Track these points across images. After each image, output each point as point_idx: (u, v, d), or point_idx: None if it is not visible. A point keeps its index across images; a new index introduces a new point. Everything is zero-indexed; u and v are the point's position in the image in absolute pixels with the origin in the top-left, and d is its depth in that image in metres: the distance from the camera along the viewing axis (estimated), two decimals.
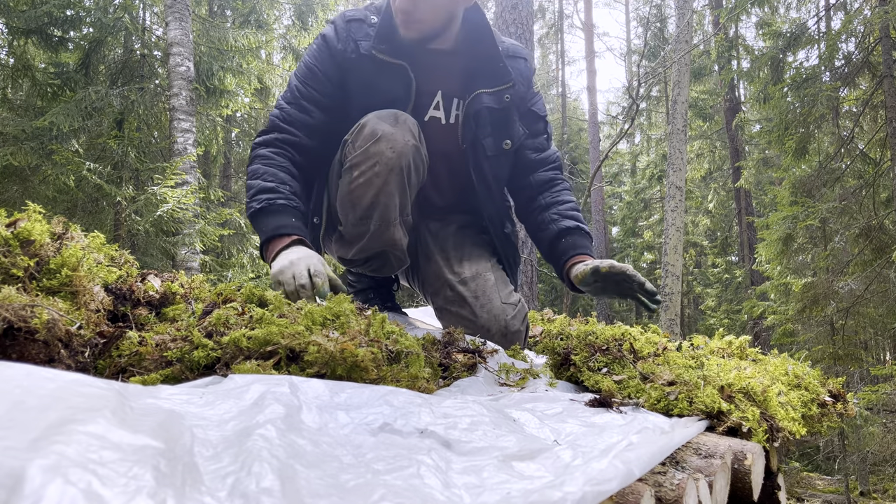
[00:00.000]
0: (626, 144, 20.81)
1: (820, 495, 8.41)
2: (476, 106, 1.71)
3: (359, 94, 1.66)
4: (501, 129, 1.76)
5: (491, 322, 1.70)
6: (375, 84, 1.65)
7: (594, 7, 20.31)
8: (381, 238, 1.62)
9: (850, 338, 7.19)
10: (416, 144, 1.57)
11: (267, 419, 0.56)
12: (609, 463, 0.63)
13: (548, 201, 1.82)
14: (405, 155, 1.54)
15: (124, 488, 0.37)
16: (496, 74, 1.72)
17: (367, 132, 1.54)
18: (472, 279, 1.75)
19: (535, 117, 1.85)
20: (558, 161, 1.90)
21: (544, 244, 1.81)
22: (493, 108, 1.73)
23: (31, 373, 0.46)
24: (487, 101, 1.71)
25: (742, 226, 12.27)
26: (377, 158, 1.53)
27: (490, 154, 1.76)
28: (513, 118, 1.78)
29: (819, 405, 1.41)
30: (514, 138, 1.79)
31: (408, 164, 1.56)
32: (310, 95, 1.67)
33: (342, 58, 1.65)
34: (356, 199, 1.58)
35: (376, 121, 1.55)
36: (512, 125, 1.78)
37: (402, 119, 1.57)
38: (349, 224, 1.64)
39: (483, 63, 1.72)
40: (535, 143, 1.85)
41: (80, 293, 0.84)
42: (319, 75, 1.67)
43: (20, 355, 0.70)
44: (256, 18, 8.36)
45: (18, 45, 6.27)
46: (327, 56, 1.66)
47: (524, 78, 1.81)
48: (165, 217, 5.29)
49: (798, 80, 7.43)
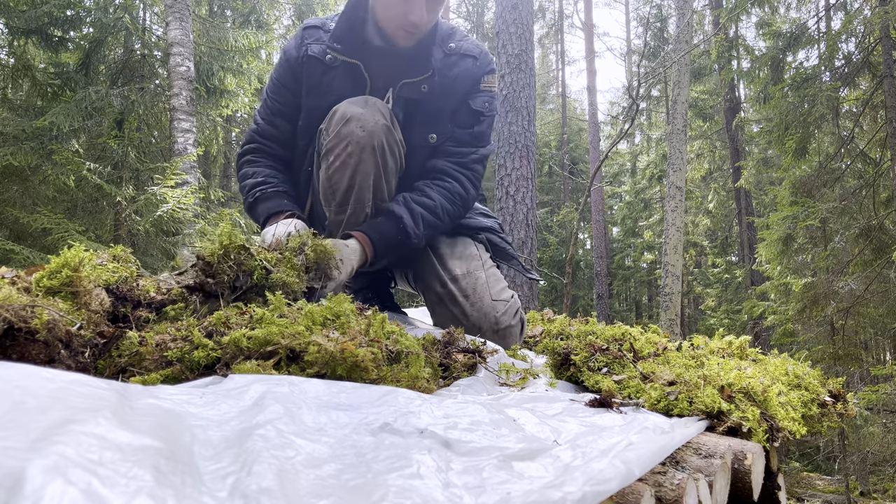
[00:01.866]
0: (626, 144, 20.81)
1: (820, 495, 8.41)
2: (402, 95, 1.73)
3: (308, 96, 1.73)
4: (427, 122, 1.75)
5: (481, 320, 1.72)
6: (324, 84, 1.71)
7: (594, 7, 20.32)
8: (356, 222, 1.64)
9: (850, 338, 7.19)
10: (386, 125, 1.60)
11: (267, 420, 0.56)
12: (609, 463, 0.63)
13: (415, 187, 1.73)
14: (376, 133, 1.57)
15: (124, 488, 0.37)
16: (419, 66, 1.72)
17: (337, 116, 1.59)
18: (462, 277, 1.78)
19: (469, 111, 1.78)
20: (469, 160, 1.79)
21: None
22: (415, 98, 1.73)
23: (31, 373, 0.46)
24: (408, 90, 1.73)
25: (742, 226, 12.27)
26: (349, 139, 1.56)
27: (415, 145, 1.74)
28: (442, 113, 1.76)
29: (819, 405, 1.41)
30: (440, 133, 1.76)
31: (380, 142, 1.58)
32: (276, 109, 1.79)
33: (297, 64, 1.74)
34: (335, 185, 1.62)
35: (347, 105, 1.60)
36: (439, 120, 1.76)
37: (371, 102, 1.61)
38: (331, 213, 1.68)
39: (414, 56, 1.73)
40: (458, 134, 1.78)
41: (81, 293, 0.84)
42: (281, 88, 1.78)
43: (20, 355, 0.70)
44: (256, 18, 8.37)
45: (18, 45, 6.27)
46: (287, 68, 1.76)
47: (469, 75, 1.76)
48: (165, 217, 5.30)
49: (798, 80, 7.43)
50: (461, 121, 1.80)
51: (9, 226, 5.78)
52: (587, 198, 7.13)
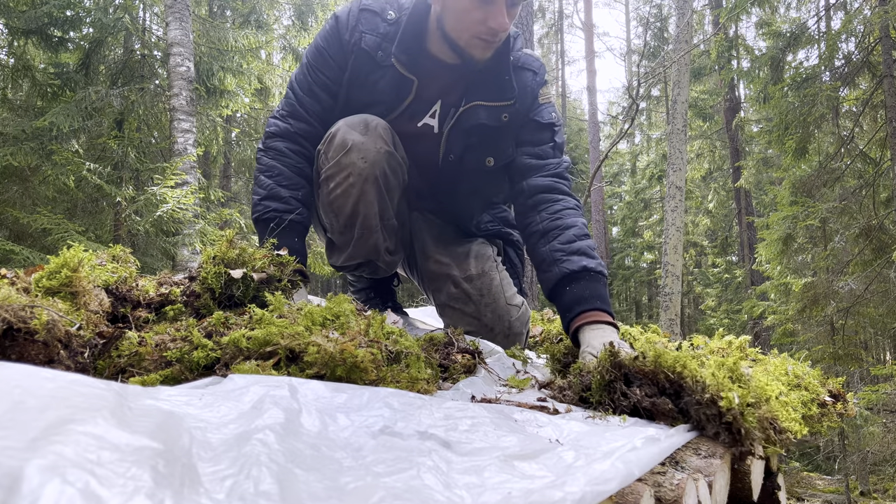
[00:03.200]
0: (626, 144, 20.81)
1: (820, 495, 8.40)
2: (470, 119, 1.60)
3: (350, 86, 1.60)
4: (487, 146, 1.64)
5: (495, 322, 1.69)
6: (369, 82, 1.59)
7: (594, 7, 20.32)
8: (365, 245, 1.61)
9: (850, 338, 7.19)
10: (388, 150, 1.54)
11: (266, 424, 0.56)
12: (611, 464, 0.63)
13: (545, 226, 1.52)
14: (378, 164, 1.51)
15: (122, 488, 0.37)
16: (498, 89, 1.59)
17: (337, 142, 1.51)
18: (477, 277, 1.73)
19: (537, 126, 1.65)
20: (560, 169, 1.63)
21: (546, 286, 1.50)
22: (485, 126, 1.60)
23: (30, 373, 0.46)
24: (483, 116, 1.60)
25: (742, 226, 12.27)
26: (350, 170, 1.51)
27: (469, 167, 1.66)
28: (505, 136, 1.64)
29: (819, 405, 1.41)
30: (500, 157, 1.65)
31: (382, 171, 1.53)
32: (320, 81, 1.60)
33: (347, 45, 1.58)
34: (337, 210, 1.58)
35: (346, 129, 1.51)
36: (501, 143, 1.64)
37: (372, 125, 1.52)
38: (336, 232, 1.64)
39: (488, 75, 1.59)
40: (536, 150, 1.64)
41: (80, 294, 0.84)
42: (329, 60, 1.59)
43: (20, 356, 0.70)
44: (256, 19, 8.37)
45: (18, 45, 6.27)
46: (336, 40, 1.58)
47: (529, 91, 1.64)
48: (165, 217, 5.29)
49: (798, 79, 7.43)
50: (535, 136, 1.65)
51: (9, 226, 5.78)
52: (587, 198, 7.12)
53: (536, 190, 1.58)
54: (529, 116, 1.65)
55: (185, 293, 1.02)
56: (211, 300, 1.02)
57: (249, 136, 9.70)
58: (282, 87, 8.32)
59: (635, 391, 1.00)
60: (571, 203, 1.57)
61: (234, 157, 10.93)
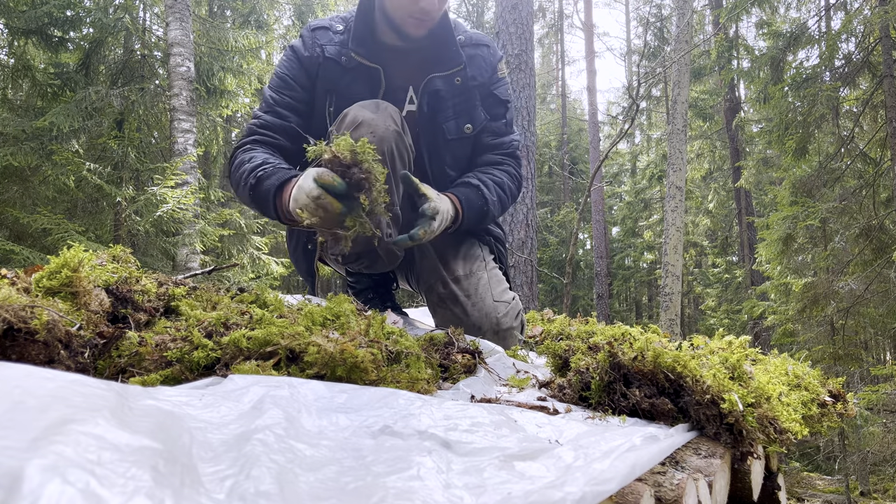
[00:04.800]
0: (626, 144, 20.81)
1: (820, 495, 8.40)
2: (429, 89, 1.75)
3: (323, 97, 1.71)
4: (462, 113, 1.79)
5: (482, 320, 1.72)
6: (341, 86, 1.70)
7: (594, 7, 20.32)
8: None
9: (850, 338, 7.19)
10: (397, 130, 1.59)
11: (266, 424, 0.56)
12: (610, 463, 0.63)
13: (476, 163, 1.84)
14: (387, 140, 1.55)
15: (122, 488, 0.37)
16: (448, 59, 1.76)
17: (348, 120, 1.57)
18: (465, 277, 1.78)
19: (496, 101, 1.86)
20: (512, 148, 1.90)
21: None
22: (448, 92, 1.76)
23: (30, 373, 0.46)
24: (439, 84, 1.75)
25: (742, 226, 12.27)
26: None
27: (451, 137, 1.79)
28: (473, 103, 1.80)
29: (819, 405, 1.41)
30: (476, 122, 1.81)
31: (391, 149, 1.57)
32: (284, 102, 1.73)
33: (310, 63, 1.72)
34: None
35: (358, 109, 1.58)
36: (473, 110, 1.80)
37: (382, 106, 1.59)
38: None
39: (438, 50, 1.76)
40: (494, 126, 1.86)
41: (81, 294, 0.84)
42: (291, 82, 1.73)
43: (20, 356, 0.70)
44: (256, 19, 8.37)
45: (18, 45, 6.27)
46: (297, 65, 1.73)
47: (487, 63, 1.83)
48: (165, 217, 5.29)
49: (798, 79, 7.43)
50: (492, 111, 1.85)
51: (9, 226, 5.78)
52: (587, 198, 7.13)
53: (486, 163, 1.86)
54: (490, 90, 1.84)
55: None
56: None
57: None
58: None
59: (634, 392, 1.00)
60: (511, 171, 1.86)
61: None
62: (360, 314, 1.13)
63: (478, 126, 1.82)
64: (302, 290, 1.67)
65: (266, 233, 8.36)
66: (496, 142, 1.87)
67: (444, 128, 1.77)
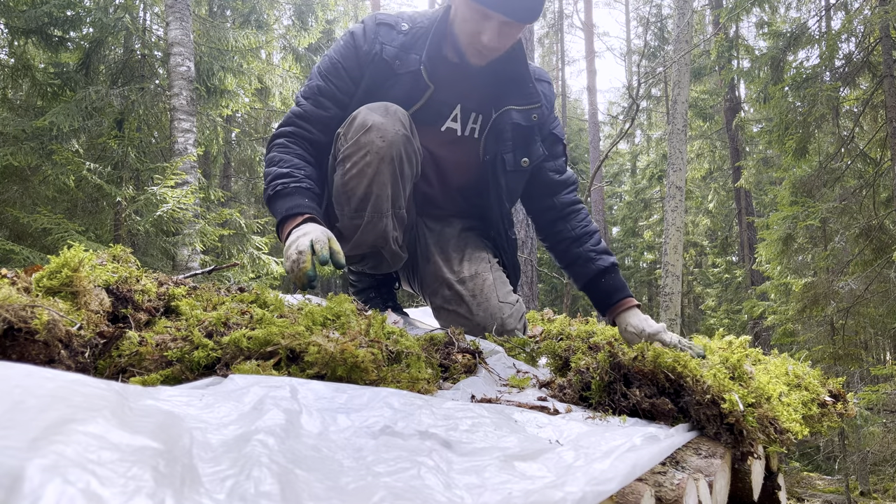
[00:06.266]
0: (626, 144, 20.80)
1: (820, 495, 8.40)
2: (504, 121, 1.75)
3: (367, 95, 1.68)
4: (522, 147, 1.79)
5: (487, 320, 1.72)
6: (383, 89, 1.67)
7: (594, 7, 20.32)
8: (373, 230, 1.63)
9: (850, 338, 7.19)
10: (406, 134, 1.59)
11: (266, 425, 0.56)
12: (610, 463, 0.63)
13: (577, 233, 1.84)
14: (395, 144, 1.55)
15: (123, 488, 0.37)
16: (526, 94, 1.76)
17: (357, 123, 1.57)
18: (470, 279, 1.78)
19: (555, 140, 1.89)
20: (577, 184, 1.94)
21: (581, 278, 1.83)
22: (520, 125, 1.77)
23: (30, 373, 0.46)
24: (516, 117, 1.76)
25: (742, 226, 12.26)
26: (368, 148, 1.55)
27: (509, 169, 1.79)
28: (535, 138, 1.81)
29: (819, 405, 1.41)
30: (533, 157, 1.81)
31: (398, 153, 1.57)
32: (329, 91, 1.68)
33: (366, 58, 1.67)
34: (350, 192, 1.60)
35: (367, 112, 1.57)
36: (533, 145, 1.81)
37: (392, 110, 1.59)
38: (345, 218, 1.66)
39: (513, 82, 1.76)
40: (556, 164, 1.89)
41: (81, 293, 0.84)
42: (342, 71, 1.68)
43: (20, 356, 0.70)
44: (256, 18, 8.36)
45: (18, 45, 6.27)
46: (353, 53, 1.68)
47: (548, 101, 1.85)
48: (165, 217, 5.29)
49: (798, 79, 7.43)
50: (552, 149, 1.88)
51: (9, 226, 5.78)
52: (587, 198, 7.13)
53: (567, 204, 1.88)
54: (549, 129, 1.86)
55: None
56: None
57: (249, 135, 9.69)
58: (282, 86, 8.29)
59: (635, 392, 1.00)
60: (586, 212, 1.91)
61: (234, 157, 10.92)
62: (360, 314, 1.13)
63: (534, 161, 1.82)
64: (302, 290, 1.67)
65: (266, 233, 8.36)
66: (562, 179, 1.89)
67: (504, 158, 1.78)
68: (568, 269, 1.89)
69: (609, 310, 1.74)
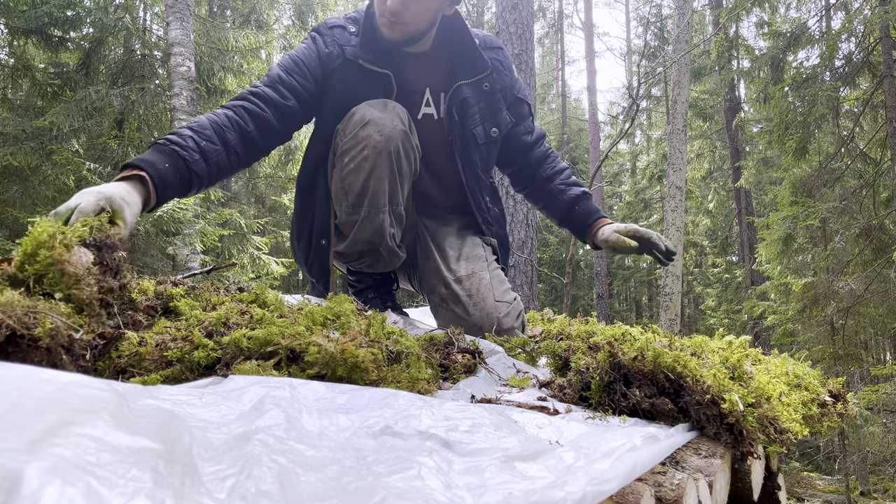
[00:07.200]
0: (626, 144, 20.80)
1: (820, 495, 8.40)
2: (457, 98, 1.77)
3: (338, 97, 1.69)
4: (489, 118, 1.82)
5: (483, 320, 1.72)
6: (357, 90, 1.68)
7: (594, 7, 20.32)
8: (370, 226, 1.63)
9: (850, 338, 7.19)
10: (404, 130, 1.59)
11: (267, 425, 0.56)
12: (611, 464, 0.63)
13: (548, 173, 1.97)
14: (393, 139, 1.56)
15: (123, 489, 0.37)
16: (473, 65, 1.79)
17: (356, 118, 1.58)
18: (467, 278, 1.79)
19: (521, 102, 1.94)
20: (546, 136, 2.04)
21: (558, 212, 1.98)
22: (475, 98, 1.79)
23: (29, 374, 0.46)
24: (467, 91, 1.78)
25: (742, 226, 12.26)
26: (366, 142, 1.55)
27: (481, 143, 1.82)
28: (499, 107, 1.84)
29: (819, 405, 1.41)
30: (501, 126, 1.86)
31: (396, 148, 1.57)
32: (290, 84, 1.64)
33: (328, 60, 1.69)
34: (348, 187, 1.61)
35: (366, 107, 1.59)
36: (499, 113, 1.84)
37: (390, 106, 1.60)
38: (343, 213, 1.67)
39: (460, 57, 1.79)
40: (525, 125, 1.96)
41: (69, 275, 0.82)
42: (304, 68, 1.67)
43: (22, 362, 0.69)
44: (256, 18, 8.37)
45: (18, 45, 6.27)
46: (315, 55, 1.69)
47: (505, 67, 1.87)
48: (165, 217, 5.29)
49: (798, 79, 7.43)
50: (518, 111, 1.93)
51: (9, 226, 5.78)
52: None
53: (538, 159, 2.00)
54: (513, 93, 1.90)
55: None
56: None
57: None
58: None
59: (635, 392, 1.00)
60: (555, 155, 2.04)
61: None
62: (360, 314, 1.13)
63: (503, 129, 1.87)
64: (302, 290, 1.67)
65: (266, 233, 8.36)
66: (533, 138, 1.98)
67: (473, 133, 1.80)
68: (545, 209, 2.03)
69: (587, 232, 1.90)
